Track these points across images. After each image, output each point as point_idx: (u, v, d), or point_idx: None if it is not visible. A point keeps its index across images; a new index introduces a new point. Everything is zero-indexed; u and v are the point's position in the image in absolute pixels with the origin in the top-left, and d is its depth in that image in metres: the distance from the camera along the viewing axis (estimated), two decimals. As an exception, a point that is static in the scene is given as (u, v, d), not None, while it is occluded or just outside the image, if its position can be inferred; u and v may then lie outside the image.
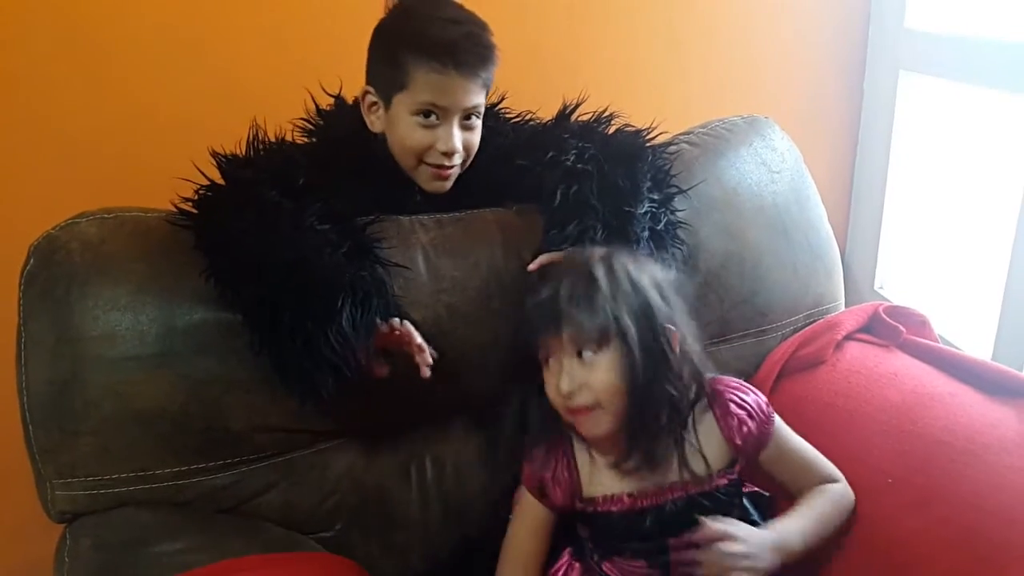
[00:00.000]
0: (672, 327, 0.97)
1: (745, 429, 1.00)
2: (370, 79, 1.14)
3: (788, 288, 1.30)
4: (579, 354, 0.94)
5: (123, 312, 1.02)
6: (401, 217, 1.16)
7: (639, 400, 0.95)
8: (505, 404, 1.08)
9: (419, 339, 1.04)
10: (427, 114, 1.09)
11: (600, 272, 0.96)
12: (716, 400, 1.02)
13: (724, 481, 1.01)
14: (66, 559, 0.98)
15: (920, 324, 1.28)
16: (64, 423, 1.02)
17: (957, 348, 1.31)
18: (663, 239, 1.13)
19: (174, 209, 1.06)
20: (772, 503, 1.09)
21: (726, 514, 0.97)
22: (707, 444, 1.00)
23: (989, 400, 1.09)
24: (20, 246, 1.06)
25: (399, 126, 1.12)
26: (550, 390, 0.98)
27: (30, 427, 1.03)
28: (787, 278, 1.30)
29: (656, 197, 1.13)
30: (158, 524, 1.03)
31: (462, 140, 1.12)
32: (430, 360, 1.04)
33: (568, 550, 1.07)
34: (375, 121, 1.15)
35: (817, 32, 1.70)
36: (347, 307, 0.98)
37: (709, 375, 1.02)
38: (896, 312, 1.29)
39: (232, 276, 1.02)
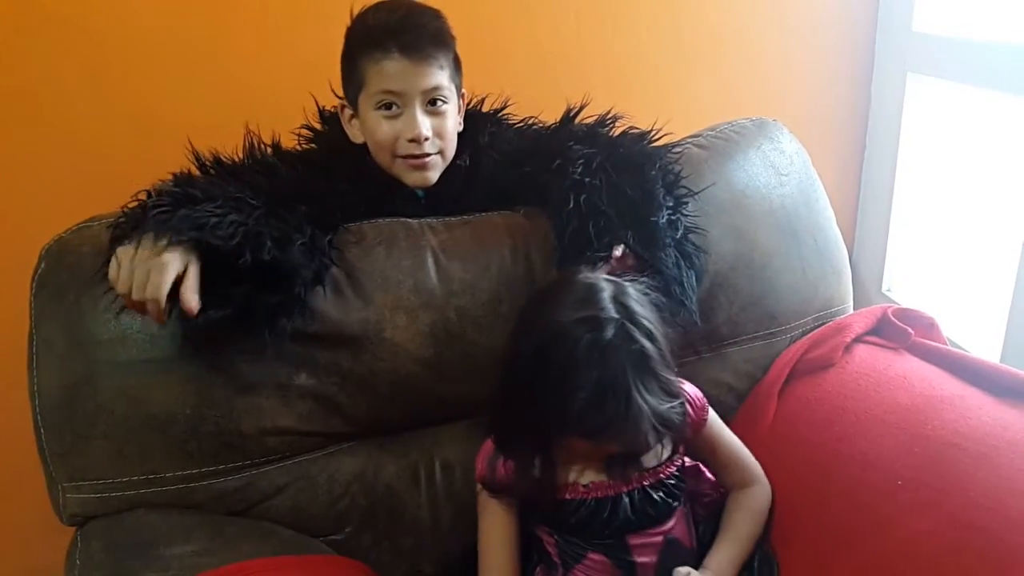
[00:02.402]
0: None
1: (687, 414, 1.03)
2: (343, 93, 1.16)
3: (797, 290, 1.30)
4: None
5: (134, 316, 1.02)
6: (410, 220, 1.16)
7: None
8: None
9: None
10: (388, 105, 1.10)
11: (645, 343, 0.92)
12: None
13: (672, 469, 1.05)
14: (77, 561, 0.99)
15: (928, 327, 1.28)
16: (75, 426, 1.03)
17: (965, 351, 1.31)
18: (684, 246, 1.13)
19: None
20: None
21: (674, 498, 1.04)
22: None
23: (999, 403, 1.09)
24: (31, 250, 1.06)
25: (368, 126, 1.12)
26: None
27: (42, 430, 1.04)
28: (796, 280, 1.30)
29: (669, 203, 1.13)
30: (168, 527, 1.03)
31: (430, 126, 1.11)
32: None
33: (539, 568, 1.08)
34: (355, 133, 1.16)
35: (825, 35, 1.70)
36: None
37: None
38: (905, 315, 1.28)
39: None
